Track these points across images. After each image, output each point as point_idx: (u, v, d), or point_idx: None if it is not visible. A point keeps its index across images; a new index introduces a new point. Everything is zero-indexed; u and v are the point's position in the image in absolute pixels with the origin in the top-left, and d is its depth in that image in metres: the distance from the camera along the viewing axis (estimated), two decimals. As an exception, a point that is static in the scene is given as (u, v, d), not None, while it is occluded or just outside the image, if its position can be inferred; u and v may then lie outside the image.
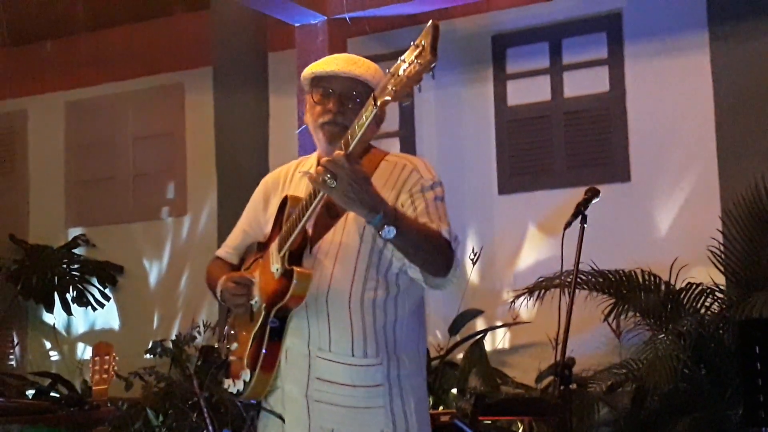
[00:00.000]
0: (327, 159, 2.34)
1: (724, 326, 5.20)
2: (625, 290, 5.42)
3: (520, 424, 5.71)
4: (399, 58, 2.22)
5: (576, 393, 5.17)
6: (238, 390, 2.71)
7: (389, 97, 2.22)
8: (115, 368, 3.78)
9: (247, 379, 2.66)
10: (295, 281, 2.54)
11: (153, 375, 6.38)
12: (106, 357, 3.78)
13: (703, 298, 5.29)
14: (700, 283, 5.30)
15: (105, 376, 3.76)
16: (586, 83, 6.63)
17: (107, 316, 8.17)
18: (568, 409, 3.12)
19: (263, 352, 2.62)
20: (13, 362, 8.47)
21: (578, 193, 3.35)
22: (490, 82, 6.89)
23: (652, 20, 6.45)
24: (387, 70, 2.25)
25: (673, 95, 6.34)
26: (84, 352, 8.13)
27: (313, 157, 2.83)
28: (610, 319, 5.50)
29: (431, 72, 2.16)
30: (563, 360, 3.05)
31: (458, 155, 6.90)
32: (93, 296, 8.04)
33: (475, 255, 6.41)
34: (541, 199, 6.65)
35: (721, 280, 5.44)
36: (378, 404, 2.59)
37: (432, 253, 2.51)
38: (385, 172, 2.68)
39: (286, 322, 2.63)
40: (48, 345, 8.39)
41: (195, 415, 6.13)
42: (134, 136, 8.27)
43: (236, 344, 2.76)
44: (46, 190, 8.57)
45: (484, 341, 6.44)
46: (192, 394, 6.15)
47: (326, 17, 6.15)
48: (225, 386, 2.79)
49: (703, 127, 6.20)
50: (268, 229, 2.77)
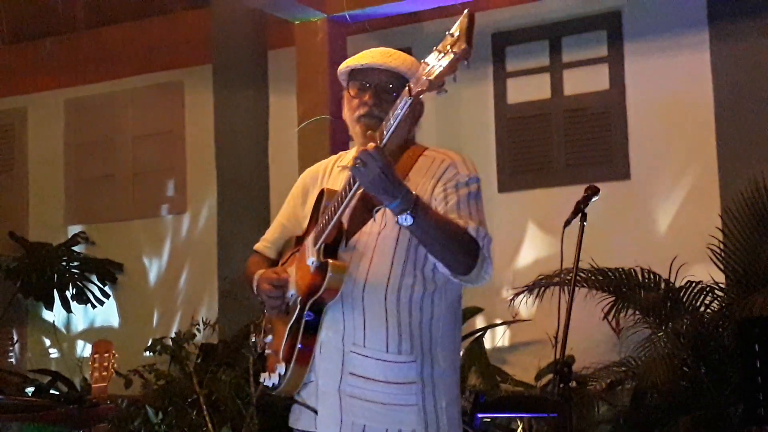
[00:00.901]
0: (360, 149, 2.36)
1: (724, 324, 5.19)
2: (624, 288, 5.41)
3: (519, 422, 5.70)
4: (434, 47, 2.21)
5: (576, 391, 5.16)
6: (273, 384, 2.70)
7: (424, 87, 2.22)
8: (115, 366, 3.77)
9: (282, 373, 2.64)
10: (330, 273, 2.53)
11: (153, 373, 6.42)
12: (106, 354, 3.78)
13: (702, 296, 5.28)
14: (699, 281, 5.30)
15: (105, 373, 3.75)
16: (586, 81, 6.63)
17: (107, 314, 8.17)
18: (567, 407, 3.12)
19: (299, 346, 2.61)
20: (13, 360, 8.47)
21: (578, 191, 3.35)
22: (490, 80, 6.89)
23: (652, 18, 6.44)
24: (422, 60, 2.24)
25: (673, 93, 6.34)
26: (84, 349, 8.13)
27: (352, 152, 2.82)
28: (610, 317, 5.50)
29: (467, 62, 2.15)
30: (563, 358, 3.05)
31: (458, 153, 6.89)
32: (93, 294, 8.04)
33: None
34: (540, 197, 6.65)
35: (721, 278, 5.44)
36: (410, 402, 2.57)
37: (451, 248, 2.50)
38: (424, 166, 2.69)
39: (321, 316, 2.62)
40: (48, 342, 8.39)
41: (194, 412, 6.14)
42: (134, 134, 8.27)
43: (272, 337, 2.75)
44: (46, 187, 8.57)
45: (484, 339, 6.45)
46: (191, 392, 6.17)
47: (326, 15, 6.15)
48: (261, 380, 2.78)
49: (703, 125, 6.20)
50: (306, 223, 2.76)
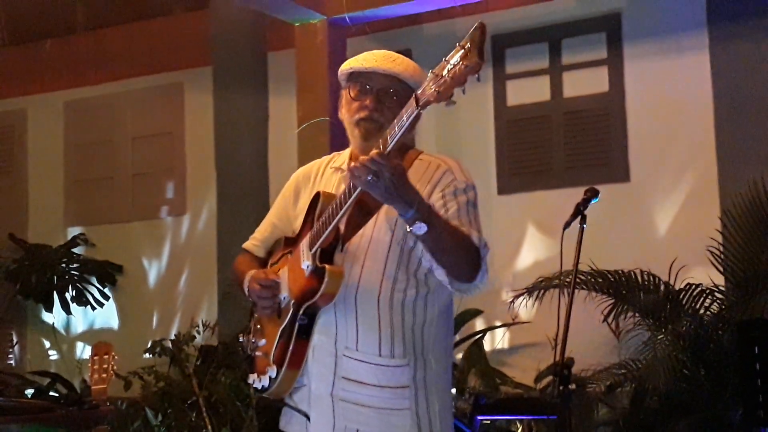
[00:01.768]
0: (366, 157, 2.33)
1: (724, 327, 5.19)
2: (624, 290, 5.41)
3: (519, 424, 5.71)
4: (443, 58, 2.21)
5: (575, 393, 5.16)
6: (263, 386, 2.70)
7: (432, 98, 2.22)
8: (115, 368, 3.77)
9: (273, 376, 2.64)
10: (327, 279, 2.53)
11: (152, 374, 6.41)
12: (105, 356, 3.77)
13: (702, 298, 5.28)
14: (699, 284, 5.30)
15: (104, 375, 3.75)
16: (585, 83, 6.63)
17: (106, 316, 8.17)
18: (567, 409, 3.12)
19: (291, 349, 2.61)
20: (12, 361, 8.47)
21: (578, 193, 3.34)
22: (489, 82, 6.88)
23: (652, 20, 6.45)
24: (431, 70, 2.23)
25: (672, 95, 6.34)
26: (83, 351, 8.13)
27: (346, 153, 2.81)
28: (610, 320, 5.49)
29: (477, 74, 2.16)
30: (562, 360, 3.04)
31: (458, 155, 6.76)
32: (92, 295, 8.03)
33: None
34: (540, 199, 6.65)
35: (721, 280, 5.44)
36: (404, 406, 2.58)
37: (460, 256, 2.50)
38: (419, 170, 2.67)
39: (314, 320, 2.62)
40: (47, 344, 8.38)
41: (194, 414, 6.14)
42: (133, 136, 8.27)
43: (263, 340, 2.75)
44: (46, 189, 8.56)
45: (483, 341, 6.44)
46: (191, 394, 6.17)
47: (326, 17, 6.14)
48: (249, 381, 2.78)
49: (702, 127, 6.20)
50: (298, 223, 2.76)
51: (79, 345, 8.25)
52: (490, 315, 6.61)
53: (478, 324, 6.66)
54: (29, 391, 7.53)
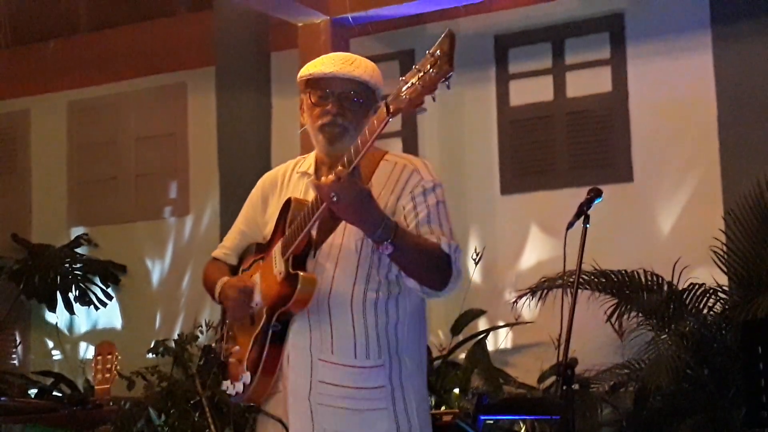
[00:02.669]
0: (330, 179, 2.34)
1: (727, 327, 5.19)
2: (627, 290, 5.41)
3: (522, 424, 5.70)
4: (414, 66, 2.22)
5: (578, 393, 5.16)
6: (236, 392, 2.69)
7: (402, 106, 2.22)
8: (118, 368, 3.78)
9: (248, 382, 2.64)
10: (299, 286, 2.54)
11: (155, 374, 6.42)
12: (109, 356, 3.78)
13: (705, 298, 5.28)
14: (702, 284, 5.29)
15: (107, 375, 3.76)
16: (588, 83, 6.63)
17: (110, 316, 8.17)
18: (570, 409, 3.11)
19: (265, 356, 2.61)
20: (16, 361, 8.47)
21: (581, 194, 3.34)
22: (492, 82, 6.88)
23: (655, 20, 6.44)
24: (400, 76, 2.24)
25: (675, 95, 6.34)
26: (86, 351, 8.13)
27: (311, 157, 2.82)
28: (613, 320, 5.49)
29: (447, 82, 2.16)
30: (565, 360, 3.04)
31: (460, 155, 6.90)
32: (95, 295, 8.04)
33: (477, 255, 6.41)
34: (543, 199, 6.64)
35: (724, 280, 5.44)
36: (381, 406, 2.59)
37: (428, 269, 2.52)
38: (385, 172, 2.67)
39: (287, 326, 2.62)
40: (50, 344, 8.39)
41: (197, 414, 6.14)
42: (137, 136, 8.27)
43: (237, 347, 2.74)
44: (49, 189, 8.57)
45: (487, 341, 6.44)
46: (194, 394, 6.18)
47: (329, 17, 6.14)
48: (223, 388, 2.78)
49: (705, 127, 6.19)
50: (268, 230, 2.76)
51: (83, 345, 8.25)
52: (494, 315, 6.61)
53: (482, 324, 6.66)
54: (33, 391, 7.54)
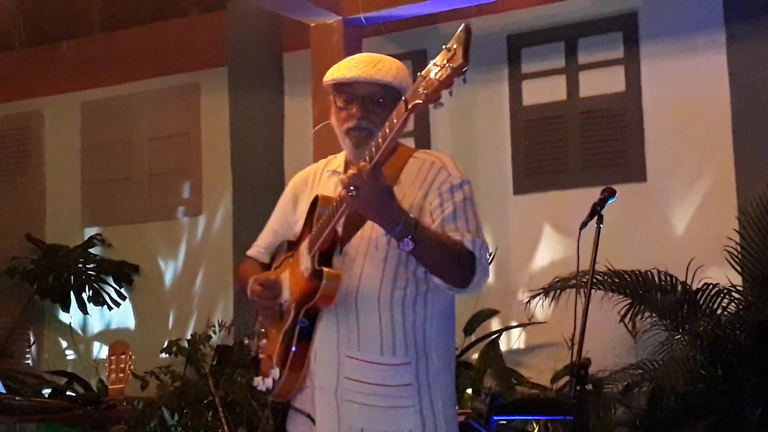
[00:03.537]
0: (351, 172, 2.37)
1: (741, 327, 5.17)
2: (641, 291, 5.39)
3: (535, 425, 5.70)
4: (431, 61, 2.23)
5: (592, 394, 5.15)
6: (267, 388, 2.72)
7: (420, 101, 2.23)
8: (131, 367, 3.79)
9: (276, 378, 2.66)
10: (324, 281, 2.55)
11: (168, 374, 6.44)
12: (122, 356, 3.79)
13: (719, 298, 5.26)
14: (716, 284, 5.27)
15: (121, 375, 3.77)
16: (601, 83, 6.61)
17: (123, 316, 8.19)
18: (584, 409, 3.11)
19: (292, 352, 2.63)
20: (30, 361, 8.50)
21: (594, 193, 3.34)
22: (505, 81, 6.87)
23: (668, 19, 6.42)
24: (418, 73, 2.25)
25: (689, 95, 6.31)
26: (100, 351, 8.15)
27: (341, 156, 2.84)
28: (626, 320, 5.48)
29: (463, 76, 2.17)
30: (579, 360, 3.04)
31: (473, 155, 6.89)
32: (109, 295, 8.06)
33: (490, 255, 6.39)
34: (556, 199, 6.63)
35: (738, 280, 5.42)
36: (407, 404, 2.59)
37: (451, 266, 2.53)
38: (413, 169, 2.69)
39: (315, 322, 2.63)
40: (64, 344, 8.42)
41: (210, 414, 6.16)
42: (150, 136, 8.29)
43: (267, 342, 2.77)
44: (63, 190, 8.60)
45: (500, 341, 6.43)
46: (207, 394, 6.19)
47: (341, 17, 6.14)
48: (254, 384, 2.81)
49: (719, 126, 6.17)
50: (298, 228, 2.78)
51: (96, 345, 8.28)
52: (507, 315, 6.60)
53: (494, 324, 6.65)
54: (46, 391, 7.57)
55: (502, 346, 6.45)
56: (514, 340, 6.65)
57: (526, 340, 6.62)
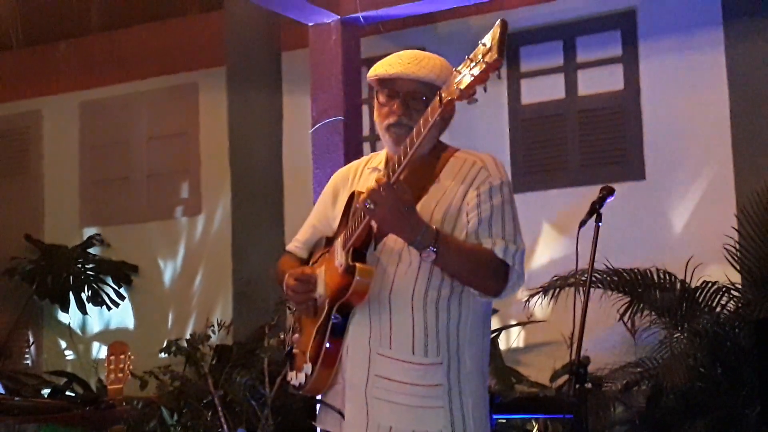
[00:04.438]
0: (369, 187, 2.41)
1: (740, 325, 5.17)
2: (640, 289, 5.39)
3: (534, 423, 5.69)
4: (467, 56, 2.23)
5: (591, 392, 5.15)
6: (300, 383, 2.71)
7: (454, 97, 2.24)
8: (130, 367, 3.78)
9: (309, 373, 2.65)
10: (357, 277, 2.54)
11: (168, 374, 6.43)
12: (121, 356, 3.78)
13: (718, 296, 5.26)
14: (715, 282, 5.28)
15: (120, 375, 3.76)
16: (600, 81, 6.61)
17: (122, 316, 8.19)
18: (583, 408, 3.11)
19: (325, 348, 2.62)
20: (29, 361, 8.50)
21: (593, 192, 3.34)
22: (504, 80, 6.87)
23: (667, 18, 6.42)
24: (455, 69, 2.26)
25: (688, 93, 6.32)
26: (99, 351, 8.16)
27: (383, 153, 2.83)
28: (626, 318, 5.48)
29: (497, 72, 2.16)
30: (578, 359, 3.04)
31: (472, 154, 6.88)
32: (108, 296, 8.07)
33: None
34: (555, 197, 6.63)
35: (737, 278, 5.42)
36: (437, 404, 2.57)
37: (477, 275, 2.54)
38: (454, 168, 2.68)
39: (348, 318, 2.62)
40: (63, 344, 8.42)
41: (209, 413, 6.15)
42: (148, 136, 8.30)
43: (302, 337, 2.77)
44: (61, 190, 8.60)
45: (499, 340, 6.43)
46: (206, 393, 6.19)
47: (339, 16, 6.14)
48: (288, 378, 2.80)
49: (718, 124, 6.17)
50: (336, 224, 2.78)
51: (95, 345, 8.28)
52: (506, 314, 6.60)
53: (494, 323, 6.64)
54: (46, 391, 7.57)
55: (502, 345, 6.45)
56: (513, 339, 6.65)
57: (526, 339, 6.62)
